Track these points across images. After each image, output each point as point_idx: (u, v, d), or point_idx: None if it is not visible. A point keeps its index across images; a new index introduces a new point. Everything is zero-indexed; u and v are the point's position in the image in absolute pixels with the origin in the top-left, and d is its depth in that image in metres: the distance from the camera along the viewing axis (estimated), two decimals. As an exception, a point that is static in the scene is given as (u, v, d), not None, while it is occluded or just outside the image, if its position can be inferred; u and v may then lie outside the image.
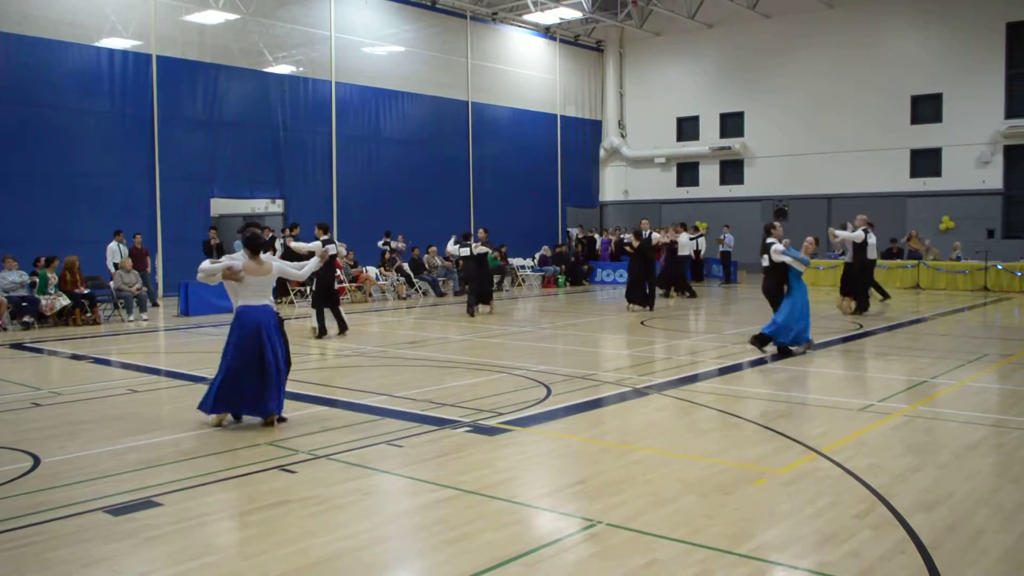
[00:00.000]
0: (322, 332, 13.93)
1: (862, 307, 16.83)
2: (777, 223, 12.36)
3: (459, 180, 29.19)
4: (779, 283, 11.89)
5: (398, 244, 23.63)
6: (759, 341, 11.74)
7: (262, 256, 7.66)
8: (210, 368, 11.02)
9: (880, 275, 24.24)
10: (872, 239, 17.19)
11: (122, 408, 8.58)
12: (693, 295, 21.87)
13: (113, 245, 18.54)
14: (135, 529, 4.94)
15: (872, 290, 17.88)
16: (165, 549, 4.65)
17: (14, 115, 19.15)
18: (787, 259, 11.62)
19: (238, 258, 7.65)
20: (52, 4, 19.77)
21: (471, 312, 17.25)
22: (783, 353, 11.54)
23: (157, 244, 21.19)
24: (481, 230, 18.63)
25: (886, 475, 5.88)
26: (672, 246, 22.28)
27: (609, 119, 34.66)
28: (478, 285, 17.64)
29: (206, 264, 7.66)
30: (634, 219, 32.35)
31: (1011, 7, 25.95)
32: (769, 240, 11.90)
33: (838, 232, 17.16)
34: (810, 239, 12.43)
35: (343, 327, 14.20)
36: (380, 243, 23.31)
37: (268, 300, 7.67)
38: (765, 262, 11.98)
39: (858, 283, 17.00)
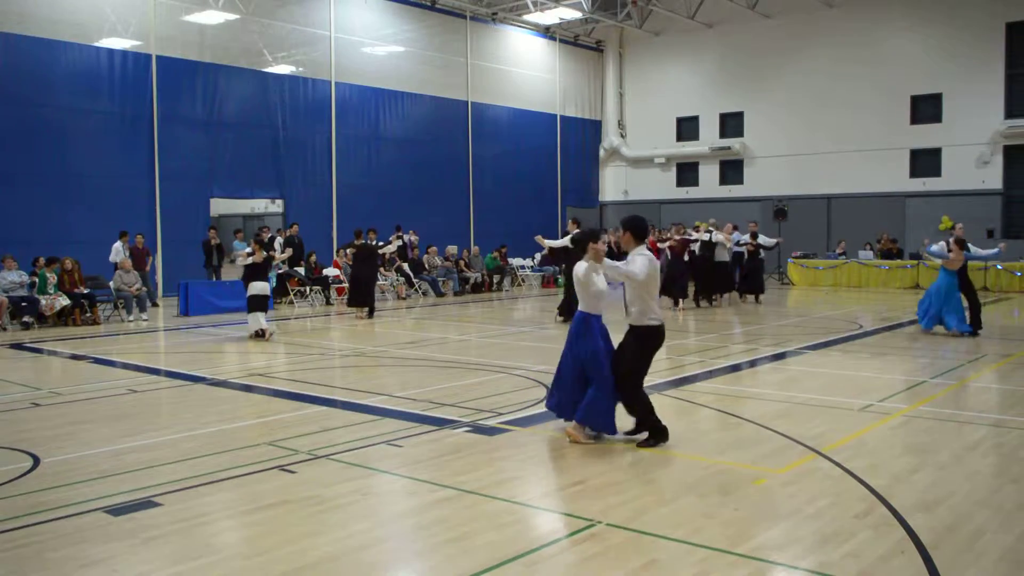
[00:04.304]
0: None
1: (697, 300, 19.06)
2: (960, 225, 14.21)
3: (459, 180, 29.18)
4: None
5: (411, 237, 23.92)
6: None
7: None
8: (208, 368, 11.04)
9: (880, 275, 24.40)
10: (723, 239, 19.57)
11: (122, 408, 8.58)
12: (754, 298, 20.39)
13: (118, 244, 18.59)
14: (135, 529, 4.94)
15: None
16: (165, 549, 4.65)
17: (14, 115, 19.13)
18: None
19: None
20: (52, 4, 19.76)
21: (357, 315, 17.17)
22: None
23: (157, 244, 21.18)
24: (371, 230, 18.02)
25: (886, 475, 5.88)
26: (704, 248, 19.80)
27: (609, 119, 34.66)
28: (355, 285, 17.37)
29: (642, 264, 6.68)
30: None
31: (1011, 7, 25.93)
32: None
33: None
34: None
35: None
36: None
37: None
38: None
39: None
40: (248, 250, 14.23)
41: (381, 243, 18.32)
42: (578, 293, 7.07)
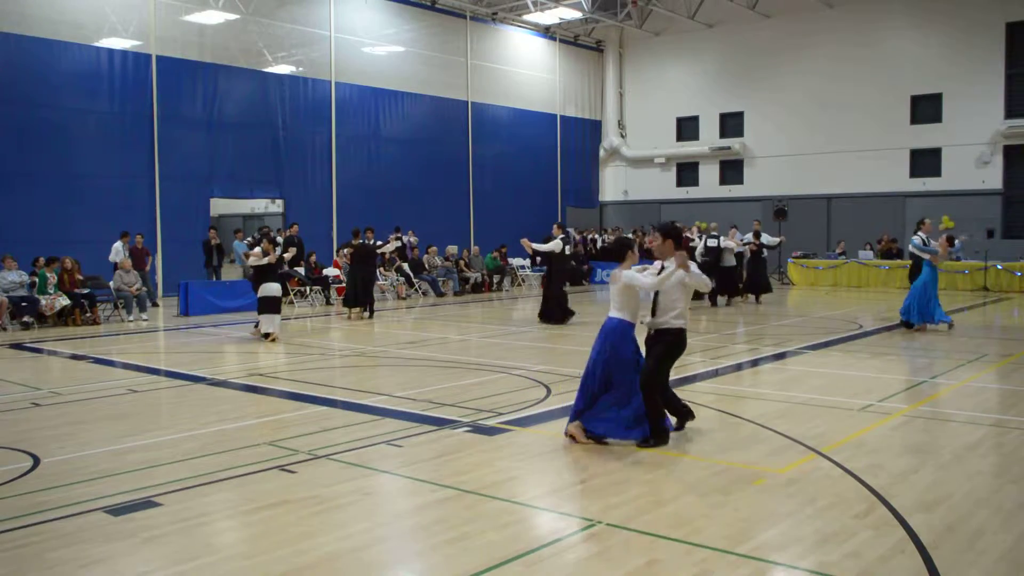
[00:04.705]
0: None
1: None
2: (928, 220, 14.74)
3: (459, 180, 29.18)
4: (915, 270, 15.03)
5: (410, 238, 23.94)
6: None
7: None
8: (208, 368, 11.04)
9: (880, 275, 24.40)
10: (732, 245, 19.76)
11: (122, 408, 8.58)
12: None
13: (118, 244, 18.60)
14: (135, 529, 4.94)
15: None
16: (165, 549, 4.65)
17: (14, 115, 19.14)
18: (914, 251, 14.39)
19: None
20: (52, 4, 19.76)
21: (351, 315, 17.02)
22: (907, 327, 14.01)
23: (157, 244, 21.18)
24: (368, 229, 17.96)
25: (886, 475, 5.88)
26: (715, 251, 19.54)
27: (609, 119, 34.66)
28: (352, 284, 17.15)
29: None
30: (634, 219, 32.43)
31: (1011, 7, 25.94)
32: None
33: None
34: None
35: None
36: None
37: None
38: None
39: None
40: (259, 250, 14.18)
41: (379, 243, 18.31)
42: (622, 300, 6.86)
